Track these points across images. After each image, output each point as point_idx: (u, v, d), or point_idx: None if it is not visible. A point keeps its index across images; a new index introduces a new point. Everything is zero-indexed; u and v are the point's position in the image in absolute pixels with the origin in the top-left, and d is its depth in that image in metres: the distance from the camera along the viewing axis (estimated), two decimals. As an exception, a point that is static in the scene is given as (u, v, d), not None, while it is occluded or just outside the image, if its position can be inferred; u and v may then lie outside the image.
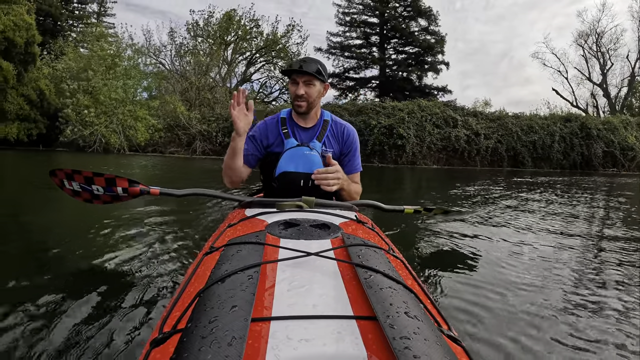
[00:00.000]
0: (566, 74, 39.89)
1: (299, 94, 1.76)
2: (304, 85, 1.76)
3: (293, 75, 1.78)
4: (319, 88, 1.82)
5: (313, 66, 1.76)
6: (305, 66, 1.74)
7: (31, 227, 3.40)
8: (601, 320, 1.74)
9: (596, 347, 1.50)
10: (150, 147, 22.30)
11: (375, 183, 10.23)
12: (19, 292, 1.86)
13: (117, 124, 21.19)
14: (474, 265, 2.54)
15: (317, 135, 1.86)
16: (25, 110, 21.70)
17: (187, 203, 4.46)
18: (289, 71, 1.80)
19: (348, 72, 36.96)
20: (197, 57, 27.05)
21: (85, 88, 21.84)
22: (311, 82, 1.77)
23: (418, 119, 22.54)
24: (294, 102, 1.81)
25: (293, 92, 1.79)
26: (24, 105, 21.64)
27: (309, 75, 1.75)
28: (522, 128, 24.10)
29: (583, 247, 3.13)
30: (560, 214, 4.99)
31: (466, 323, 1.64)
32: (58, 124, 21.96)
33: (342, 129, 1.94)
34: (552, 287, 2.13)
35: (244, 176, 1.86)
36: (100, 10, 38.82)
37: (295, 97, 1.78)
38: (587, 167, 24.38)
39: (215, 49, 27.30)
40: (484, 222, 4.15)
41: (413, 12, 34.24)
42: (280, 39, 28.58)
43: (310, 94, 1.78)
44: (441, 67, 34.76)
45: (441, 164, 22.61)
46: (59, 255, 2.51)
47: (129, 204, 2.20)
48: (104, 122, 21.14)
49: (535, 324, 1.65)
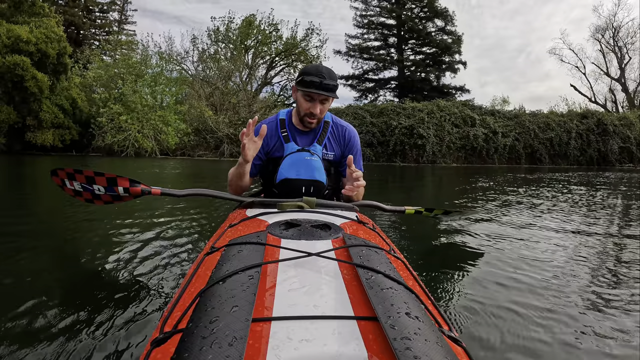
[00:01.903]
0: (584, 69, 39.60)
1: (314, 112, 1.66)
2: (320, 103, 1.66)
3: (309, 89, 1.62)
4: (331, 102, 1.73)
5: (333, 84, 1.63)
6: (326, 83, 1.60)
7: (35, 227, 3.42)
8: (604, 321, 1.70)
9: (598, 348, 1.47)
10: (179, 150, 23.24)
11: (398, 181, 10.62)
12: (19, 292, 1.84)
13: (149, 129, 22.12)
14: (475, 266, 2.51)
15: (317, 138, 1.77)
16: (60, 118, 22.76)
17: (188, 203, 4.45)
18: (308, 86, 1.62)
19: (367, 73, 37.95)
20: (219, 63, 27.86)
21: (116, 96, 22.79)
22: (327, 99, 1.68)
23: (437, 119, 23.07)
24: (304, 118, 1.70)
25: (307, 108, 1.67)
26: (58, 113, 22.69)
27: (328, 94, 1.63)
28: (539, 126, 24.41)
29: (588, 246, 3.05)
30: (566, 212, 4.89)
31: (467, 324, 1.62)
32: (91, 130, 22.96)
33: (343, 131, 1.84)
34: (555, 287, 2.08)
35: (248, 186, 1.82)
36: (121, 18, 40.09)
37: (310, 114, 1.67)
38: (604, 163, 24.60)
39: (236, 53, 28.08)
40: (487, 222, 4.07)
41: (429, 12, 34.85)
42: (300, 42, 29.11)
43: (323, 111, 1.70)
44: (458, 67, 35.57)
45: (460, 162, 23.10)
46: (59, 255, 2.49)
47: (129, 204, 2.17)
48: (137, 128, 22.10)
49: (536, 325, 1.63)
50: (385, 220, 3.85)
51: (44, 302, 1.72)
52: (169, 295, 1.83)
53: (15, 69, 20.38)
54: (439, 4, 34.36)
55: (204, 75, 27.90)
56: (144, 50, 25.95)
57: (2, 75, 20.51)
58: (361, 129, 22.86)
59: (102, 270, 2.25)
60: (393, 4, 35.31)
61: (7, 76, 20.56)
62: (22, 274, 2.12)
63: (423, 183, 10.59)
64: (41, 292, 1.82)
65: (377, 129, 23.07)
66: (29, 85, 20.94)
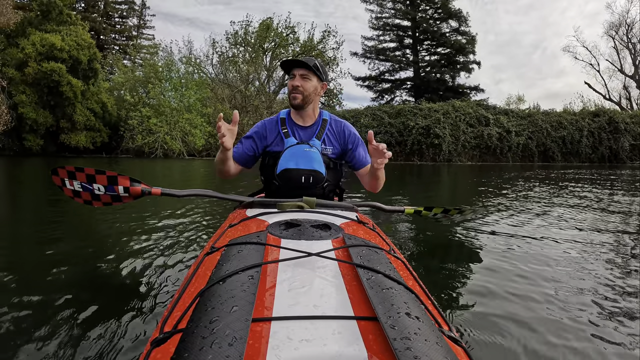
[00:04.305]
0: (598, 66, 39.46)
1: (295, 84, 1.78)
2: (300, 78, 1.78)
3: (292, 71, 1.82)
4: (315, 84, 1.82)
5: (311, 61, 1.80)
6: (300, 60, 1.80)
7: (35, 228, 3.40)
8: (606, 321, 1.69)
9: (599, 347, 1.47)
10: (205, 151, 24.32)
11: (415, 179, 11.14)
12: (19, 292, 1.83)
13: (178, 131, 23.17)
14: (475, 266, 2.50)
15: (316, 134, 1.85)
16: (92, 121, 23.96)
17: (188, 204, 4.47)
18: (287, 62, 1.83)
19: (383, 74, 38.57)
20: (238, 66, 28.75)
21: (144, 99, 23.86)
22: (308, 76, 1.79)
23: (452, 119, 23.76)
24: (290, 95, 1.82)
25: (290, 85, 1.82)
26: (90, 116, 23.88)
27: (306, 68, 1.78)
28: (551, 124, 24.89)
29: (590, 245, 3.00)
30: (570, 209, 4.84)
31: (467, 324, 1.62)
32: (122, 132, 24.06)
33: (341, 127, 1.93)
34: (556, 287, 2.07)
35: (233, 172, 1.86)
36: (139, 23, 41.18)
37: (292, 88, 1.79)
38: (615, 160, 24.96)
39: (254, 55, 28.92)
40: (488, 220, 4.04)
41: (443, 14, 35.38)
42: (317, 45, 29.74)
43: (306, 88, 1.78)
44: (473, 67, 35.95)
45: (475, 160, 23.73)
46: (58, 255, 2.48)
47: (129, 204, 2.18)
48: (165, 130, 23.16)
49: (536, 325, 1.63)
50: (385, 221, 3.88)
51: (43, 302, 1.72)
52: (168, 295, 1.83)
53: (51, 75, 21.56)
54: (452, 5, 34.90)
55: (224, 78, 28.83)
56: (169, 56, 26.97)
57: (39, 81, 21.74)
58: (380, 129, 23.65)
59: (102, 270, 2.25)
60: (407, 6, 35.85)
61: (43, 82, 21.79)
62: (23, 273, 2.13)
63: (439, 179, 11.23)
64: (41, 292, 1.82)
65: (395, 129, 23.81)
66: (64, 90, 22.15)
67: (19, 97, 21.42)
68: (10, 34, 22.49)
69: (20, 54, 21.61)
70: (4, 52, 21.78)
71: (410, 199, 6.21)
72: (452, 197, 6.86)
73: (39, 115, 22.12)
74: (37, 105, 22.18)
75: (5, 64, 21.15)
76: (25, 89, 21.70)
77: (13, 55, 21.85)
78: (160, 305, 1.72)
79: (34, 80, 21.61)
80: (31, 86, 21.80)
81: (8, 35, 22.58)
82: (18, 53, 21.71)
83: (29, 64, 21.47)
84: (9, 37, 22.69)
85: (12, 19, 21.88)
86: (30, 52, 21.54)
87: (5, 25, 21.18)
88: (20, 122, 21.68)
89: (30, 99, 21.81)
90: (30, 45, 21.70)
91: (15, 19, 22.26)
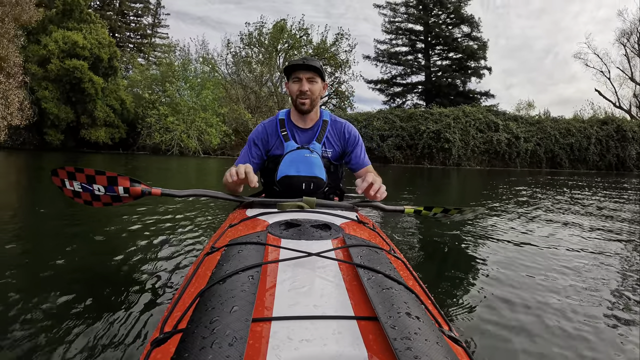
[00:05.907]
0: (609, 74, 38.99)
1: (303, 89, 1.71)
2: (307, 82, 1.72)
3: (295, 73, 1.74)
4: (320, 85, 1.77)
5: (316, 62, 1.73)
6: (308, 63, 1.72)
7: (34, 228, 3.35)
8: (608, 321, 1.70)
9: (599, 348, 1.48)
10: (220, 150, 24.90)
11: (426, 182, 11.45)
12: (18, 292, 1.81)
13: (194, 130, 23.75)
14: (475, 266, 2.50)
15: (316, 137, 1.81)
16: (111, 117, 24.60)
17: (188, 203, 4.47)
18: (292, 67, 1.74)
19: (395, 78, 38.87)
20: (251, 66, 29.18)
21: (162, 98, 24.40)
22: (314, 79, 1.74)
23: (463, 124, 24.15)
24: (297, 100, 1.75)
25: (296, 89, 1.74)
26: (109, 112, 24.52)
27: (313, 71, 1.72)
28: (560, 131, 25.16)
29: (589, 247, 3.03)
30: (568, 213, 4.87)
31: (467, 324, 1.63)
32: (139, 130, 24.64)
33: (341, 128, 1.87)
34: (557, 287, 2.07)
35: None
36: (154, 21, 41.60)
37: (300, 93, 1.73)
38: (622, 168, 25.18)
39: (267, 56, 29.30)
40: (488, 221, 4.06)
41: (456, 19, 35.70)
42: (330, 47, 30.00)
43: (313, 91, 1.73)
44: (484, 72, 36.21)
45: (484, 165, 24.09)
46: (58, 256, 2.45)
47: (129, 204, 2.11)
48: (182, 128, 23.75)
49: (536, 325, 1.63)
50: (385, 220, 3.88)
51: (43, 302, 1.71)
52: (169, 295, 1.83)
53: (74, 72, 22.18)
54: (465, 10, 35.26)
55: (238, 78, 29.33)
56: (186, 55, 27.52)
57: (61, 78, 22.36)
58: (391, 132, 24.10)
59: (101, 270, 2.24)
60: (420, 11, 36.19)
61: (66, 79, 22.43)
62: (22, 274, 2.11)
63: (449, 182, 11.63)
64: (41, 292, 1.81)
65: (406, 133, 24.21)
66: (86, 87, 22.77)
67: (41, 93, 22.04)
68: (31, 31, 23.06)
69: (42, 51, 22.19)
70: (26, 49, 22.32)
71: (421, 199, 6.49)
72: (461, 199, 7.15)
73: (61, 110, 22.77)
74: (59, 101, 22.83)
75: (27, 60, 21.64)
76: (48, 85, 22.33)
77: (35, 52, 22.40)
78: (160, 305, 1.72)
79: (57, 77, 22.23)
80: (53, 82, 22.43)
81: (29, 32, 23.10)
82: (40, 50, 22.28)
83: (51, 60, 22.06)
84: (30, 34, 23.22)
85: (34, 16, 22.40)
86: (52, 49, 22.13)
87: (27, 22, 21.74)
88: (42, 117, 22.32)
89: (52, 95, 22.45)
90: (53, 43, 22.30)
91: (37, 17, 22.84)
